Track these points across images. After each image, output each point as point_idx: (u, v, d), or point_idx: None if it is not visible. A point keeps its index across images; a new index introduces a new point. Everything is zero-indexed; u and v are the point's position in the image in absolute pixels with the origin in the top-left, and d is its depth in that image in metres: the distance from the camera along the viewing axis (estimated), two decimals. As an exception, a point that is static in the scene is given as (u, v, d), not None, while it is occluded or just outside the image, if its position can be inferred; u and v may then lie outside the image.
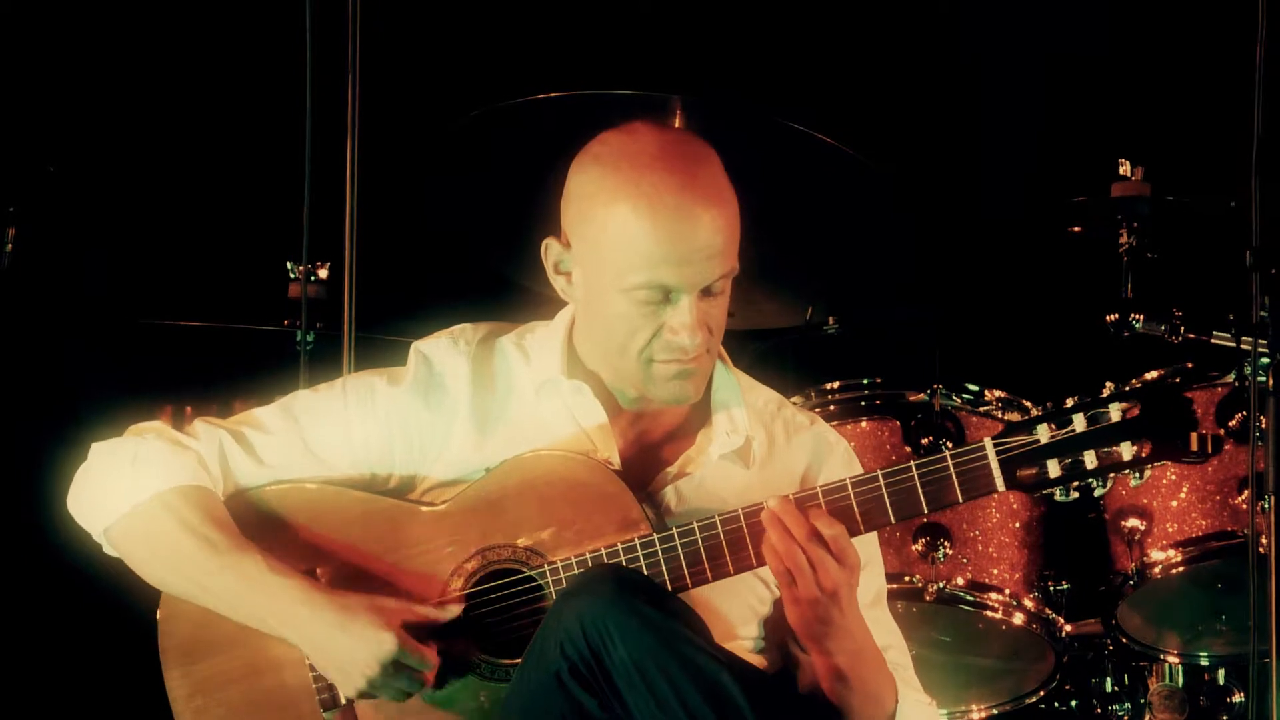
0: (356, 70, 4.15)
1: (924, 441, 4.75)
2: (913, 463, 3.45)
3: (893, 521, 3.47)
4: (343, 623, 3.47)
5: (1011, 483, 3.42)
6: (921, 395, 4.79)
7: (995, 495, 3.55)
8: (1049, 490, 3.44)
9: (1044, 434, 3.41)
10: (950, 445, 4.73)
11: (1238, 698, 4.85)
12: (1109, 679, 4.91)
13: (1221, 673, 4.88)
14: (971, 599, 4.73)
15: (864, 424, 4.78)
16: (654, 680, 3.28)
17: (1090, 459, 3.40)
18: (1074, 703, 4.90)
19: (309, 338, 4.73)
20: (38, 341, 5.05)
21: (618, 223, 3.47)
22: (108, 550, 3.62)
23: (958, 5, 5.60)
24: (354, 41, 4.16)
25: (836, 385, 4.83)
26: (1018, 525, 4.80)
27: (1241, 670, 4.84)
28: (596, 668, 3.29)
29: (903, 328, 5.11)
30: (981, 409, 4.79)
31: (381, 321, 4.39)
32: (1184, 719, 4.85)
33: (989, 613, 4.74)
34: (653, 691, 3.28)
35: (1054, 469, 3.41)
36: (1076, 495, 3.50)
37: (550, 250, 3.58)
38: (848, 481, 3.46)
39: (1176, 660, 4.87)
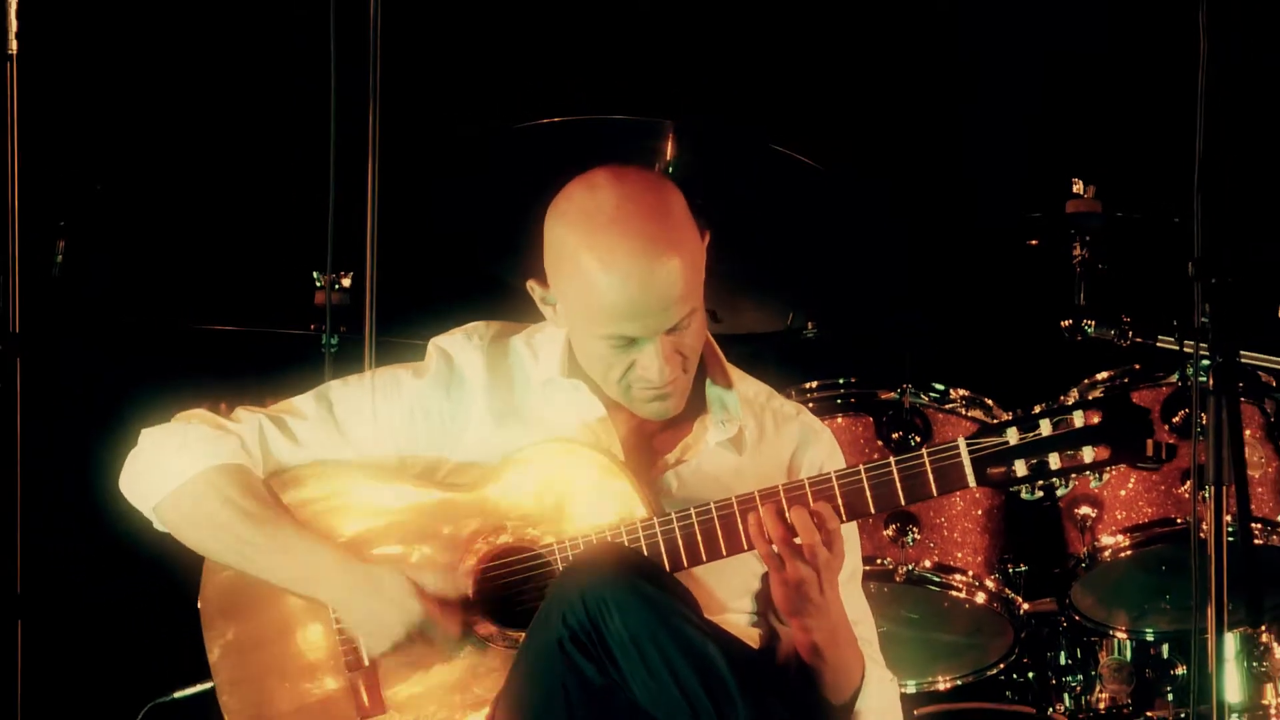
0: (376, 106, 4.16)
1: (894, 436, 4.76)
2: (892, 459, 3.45)
3: (873, 512, 3.48)
4: (376, 588, 3.48)
5: (982, 479, 3.42)
6: (892, 394, 4.79)
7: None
8: (1016, 488, 3.47)
9: (1013, 436, 3.41)
10: (918, 439, 4.73)
11: (1180, 670, 4.86)
12: (1063, 653, 4.92)
13: (1166, 647, 4.89)
14: (938, 580, 4.73)
15: (840, 420, 4.78)
16: (647, 650, 3.27)
17: (1054, 460, 3.41)
18: (1031, 674, 4.90)
19: (333, 340, 4.73)
20: (90, 342, 5.05)
21: (581, 279, 3.47)
22: (157, 525, 3.62)
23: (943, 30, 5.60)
24: (375, 79, 4.17)
25: (815, 384, 4.83)
26: (980, 513, 4.80)
27: (1184, 645, 4.84)
28: (595, 637, 3.28)
29: (875, 332, 5.11)
30: (947, 406, 4.79)
31: (398, 325, 4.39)
32: (1131, 690, 4.85)
33: (954, 592, 4.74)
34: (645, 661, 3.27)
35: (1021, 469, 3.42)
36: (1041, 494, 3.52)
37: (535, 290, 3.59)
38: (833, 475, 3.46)
39: (1125, 636, 4.87)
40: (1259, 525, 4.67)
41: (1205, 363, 4.03)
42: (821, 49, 5.64)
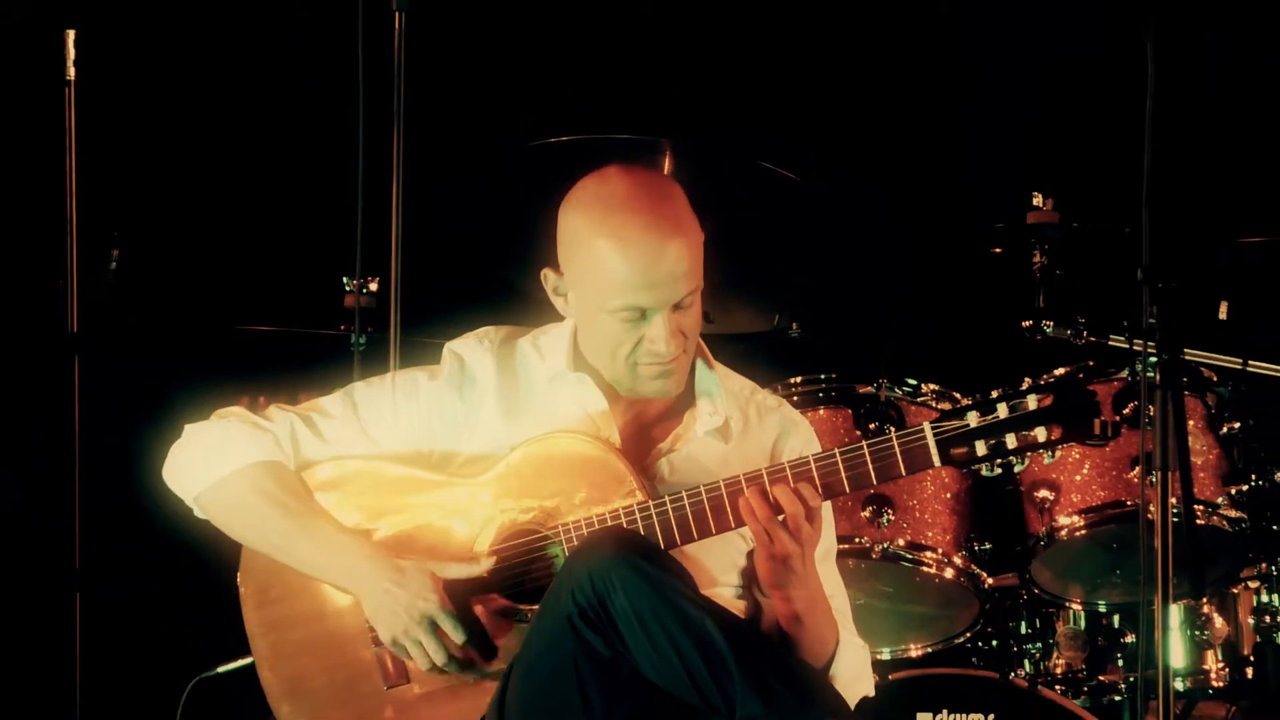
0: (401, 129, 4.17)
1: (871, 426, 4.75)
2: (864, 443, 3.48)
3: (847, 491, 3.49)
4: (398, 580, 3.49)
5: (946, 459, 3.44)
6: (869, 388, 4.78)
7: (931, 470, 3.57)
8: (976, 466, 3.48)
9: (973, 420, 3.43)
10: (893, 429, 4.72)
11: (1129, 638, 4.84)
12: (1023, 623, 4.91)
13: (1116, 618, 4.88)
14: (910, 557, 4.73)
15: (821, 411, 4.77)
16: (649, 624, 3.29)
17: (1011, 440, 3.42)
18: (994, 643, 4.89)
19: (361, 340, 4.73)
20: (139, 342, 5.06)
21: (597, 258, 3.49)
22: (197, 513, 3.63)
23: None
24: (399, 105, 4.18)
25: (799, 379, 4.83)
26: (949, 496, 4.80)
27: (1132, 616, 4.84)
28: (602, 612, 3.30)
29: (854, 332, 5.12)
30: (919, 399, 4.79)
31: (420, 325, 4.39)
32: (1085, 656, 4.85)
33: (925, 568, 4.74)
34: (648, 633, 3.29)
35: (981, 448, 3.43)
36: (999, 471, 3.53)
37: (549, 279, 3.61)
38: (810, 458, 3.48)
39: (1079, 607, 4.87)
40: (1201, 507, 4.68)
41: (1153, 360, 4.05)
42: (810, 70, 5.64)
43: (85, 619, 4.44)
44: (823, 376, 4.82)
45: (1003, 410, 3.42)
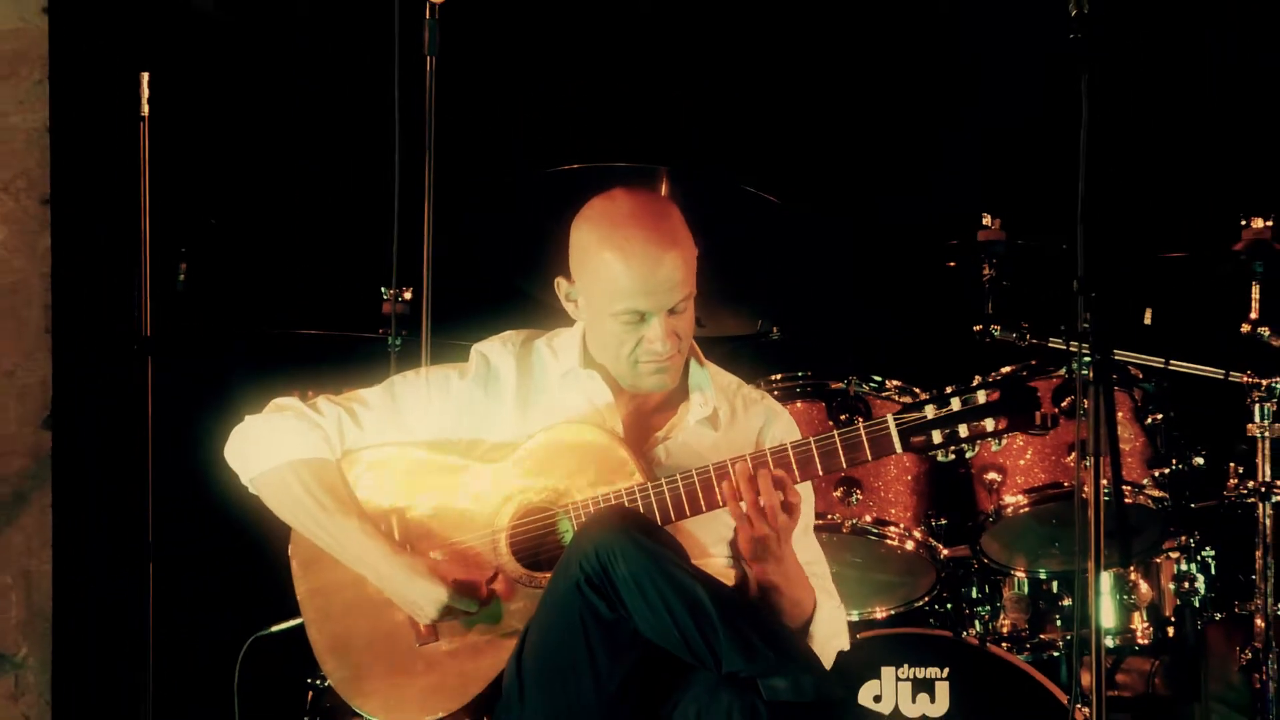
0: (432, 159, 4.17)
1: (842, 418, 4.73)
2: (835, 432, 3.50)
3: (821, 474, 3.51)
4: (410, 578, 3.50)
5: (906, 446, 3.47)
6: (840, 384, 4.77)
7: (894, 455, 3.57)
8: (933, 452, 3.49)
9: (930, 412, 3.45)
10: (861, 420, 4.70)
11: (1066, 601, 4.82)
12: (974, 589, 4.89)
13: (1055, 584, 4.85)
14: (876, 531, 4.72)
15: (798, 404, 4.76)
16: (646, 589, 3.30)
17: (963, 430, 3.45)
18: (949, 606, 4.88)
19: (397, 341, 4.73)
20: (205, 343, 5.06)
21: (603, 268, 3.50)
22: (251, 490, 3.65)
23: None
24: (430, 136, 4.18)
25: (779, 376, 4.82)
26: (910, 478, 4.79)
27: (1069, 582, 4.82)
28: (606, 580, 3.32)
29: (826, 336, 5.11)
30: (883, 394, 4.77)
31: (448, 328, 4.39)
32: (1028, 617, 4.84)
33: (889, 541, 4.73)
34: (645, 598, 3.30)
35: (937, 436, 3.45)
36: (953, 456, 3.52)
37: (561, 286, 3.62)
38: (788, 445, 3.49)
39: (1023, 575, 4.84)
40: (1129, 487, 4.66)
41: (1086, 359, 4.04)
42: (783, 118, 5.65)
43: (157, 584, 4.44)
44: (800, 374, 4.81)
45: (956, 404, 3.44)
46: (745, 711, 3.27)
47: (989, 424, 3.43)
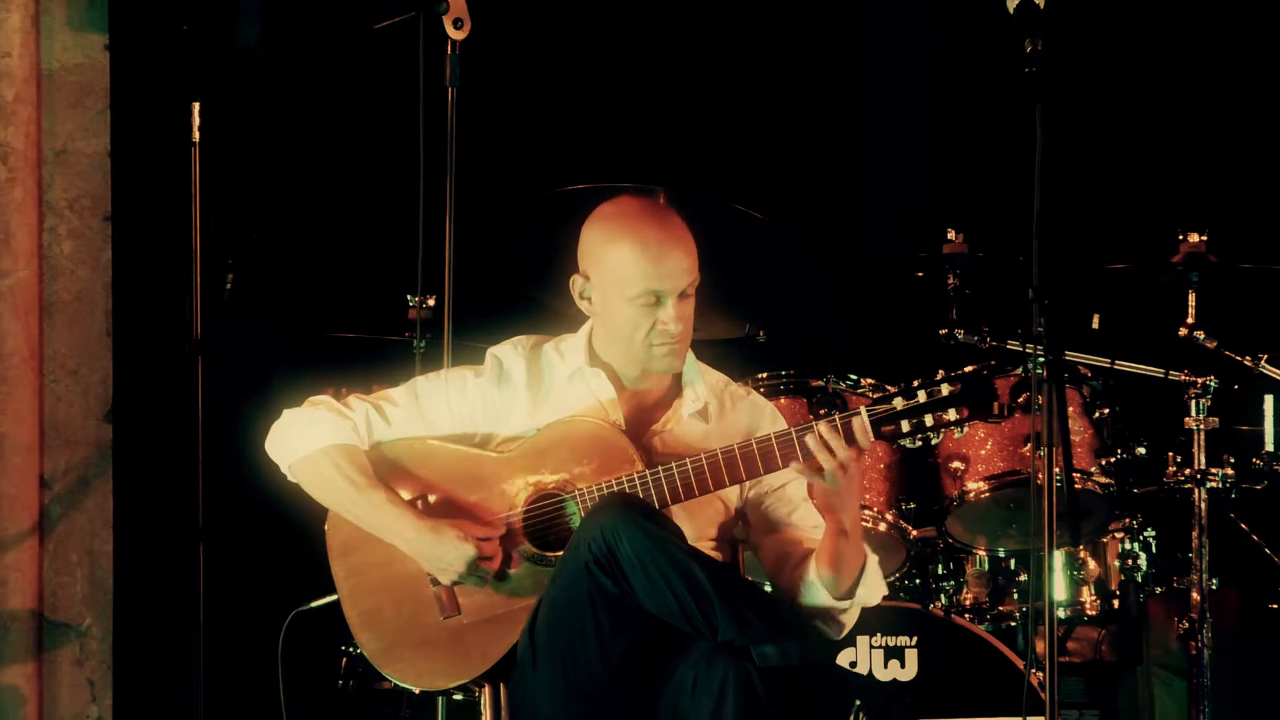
0: (453, 180, 4.15)
1: (821, 412, 4.67)
2: (815, 422, 3.47)
3: (801, 459, 3.46)
4: (438, 539, 3.48)
5: (878, 435, 3.44)
6: (820, 382, 4.77)
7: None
8: (902, 440, 3.47)
9: (899, 404, 3.43)
10: (838, 413, 4.68)
11: (1023, 577, 4.85)
12: (940, 566, 4.90)
13: (1013, 561, 4.88)
14: (852, 514, 4.71)
15: (782, 400, 4.76)
16: (649, 567, 3.29)
17: (929, 419, 3.43)
18: (917, 581, 4.89)
19: (421, 344, 4.73)
20: (249, 345, 5.07)
21: (619, 257, 3.50)
22: (290, 478, 3.64)
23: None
24: (451, 159, 4.16)
25: (764, 375, 4.82)
26: (882, 466, 4.79)
27: (1025, 559, 4.83)
28: (611, 559, 3.30)
29: (808, 338, 5.09)
30: (858, 390, 4.77)
31: (468, 332, 4.37)
32: (988, 591, 4.85)
33: (864, 523, 4.70)
34: (647, 575, 3.29)
35: (905, 426, 3.44)
36: (920, 444, 3.50)
37: (576, 283, 3.60)
38: (772, 435, 3.48)
39: (984, 554, 4.86)
40: (1078, 475, 4.67)
41: (1040, 360, 4.02)
42: (769, 140, 5.64)
43: (207, 564, 4.43)
44: (783, 373, 4.81)
45: (922, 396, 3.42)
46: (738, 676, 3.26)
47: (951, 414, 3.41)
